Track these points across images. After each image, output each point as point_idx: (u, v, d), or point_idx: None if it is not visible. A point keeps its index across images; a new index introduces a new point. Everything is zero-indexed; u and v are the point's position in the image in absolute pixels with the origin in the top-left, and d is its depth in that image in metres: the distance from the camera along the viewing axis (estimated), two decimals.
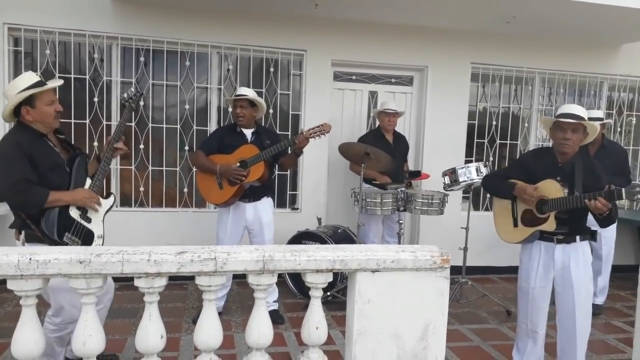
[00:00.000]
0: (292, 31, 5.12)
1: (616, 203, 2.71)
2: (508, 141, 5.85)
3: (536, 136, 5.86)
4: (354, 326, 1.81)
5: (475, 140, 5.75)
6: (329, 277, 1.80)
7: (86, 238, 2.68)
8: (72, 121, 4.81)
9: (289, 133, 5.27)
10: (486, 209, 5.67)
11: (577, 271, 2.78)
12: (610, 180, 3.01)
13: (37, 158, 2.54)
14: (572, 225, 2.76)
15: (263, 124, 5.04)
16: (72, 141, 2.94)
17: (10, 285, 1.57)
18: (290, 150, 3.90)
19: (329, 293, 4.36)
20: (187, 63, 5.04)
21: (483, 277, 5.51)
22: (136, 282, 1.68)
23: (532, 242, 2.92)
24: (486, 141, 5.78)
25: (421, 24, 5.26)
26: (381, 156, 4.22)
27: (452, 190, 4.46)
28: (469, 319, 4.32)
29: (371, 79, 5.59)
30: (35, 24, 4.65)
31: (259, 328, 1.80)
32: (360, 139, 4.88)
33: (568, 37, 5.53)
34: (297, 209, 5.39)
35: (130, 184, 5.06)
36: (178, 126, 5.10)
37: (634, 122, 6.14)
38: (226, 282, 4.04)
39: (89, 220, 2.72)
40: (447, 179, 4.42)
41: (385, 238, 5.04)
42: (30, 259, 1.55)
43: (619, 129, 6.08)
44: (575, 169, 2.77)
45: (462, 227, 4.64)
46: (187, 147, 5.08)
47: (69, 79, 4.80)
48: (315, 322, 1.83)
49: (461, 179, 4.32)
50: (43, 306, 2.31)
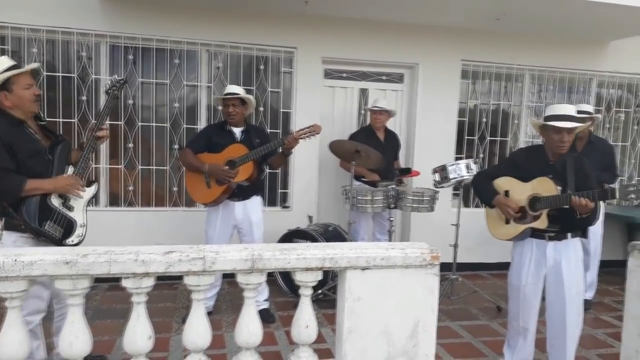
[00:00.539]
0: (282, 29, 5.10)
1: (599, 207, 2.72)
2: (498, 138, 5.87)
3: (526, 133, 5.89)
4: (344, 324, 1.80)
5: (465, 137, 5.76)
6: (319, 276, 1.79)
7: (68, 227, 2.66)
8: (60, 120, 4.75)
9: (280, 131, 5.25)
10: (477, 206, 5.69)
11: (569, 268, 2.79)
12: (598, 176, 3.03)
13: (15, 145, 2.50)
14: (564, 222, 2.77)
15: (253, 122, 5.03)
16: None
17: None
18: (279, 150, 3.89)
19: (320, 291, 4.35)
20: (177, 61, 4.99)
21: (473, 274, 5.53)
22: (124, 283, 1.66)
23: (524, 240, 2.92)
24: (476, 138, 5.80)
25: (412, 22, 5.26)
26: (371, 154, 4.22)
27: (443, 187, 4.47)
28: (460, 316, 4.33)
29: (362, 77, 5.58)
30: (21, 22, 4.58)
31: (249, 327, 1.79)
32: (351, 137, 4.88)
33: (557, 34, 5.55)
34: (288, 207, 5.38)
35: (119, 184, 5.02)
36: (167, 125, 5.06)
37: (623, 119, 6.18)
38: (216, 282, 4.02)
39: (71, 208, 2.69)
40: (438, 176, 4.43)
41: (376, 235, 5.05)
42: (15, 260, 1.52)
43: (608, 125, 6.12)
44: (567, 167, 2.78)
45: (453, 224, 4.66)
46: (177, 146, 5.04)
47: (57, 78, 4.75)
48: (305, 321, 1.82)
49: (451, 176, 4.33)
50: None
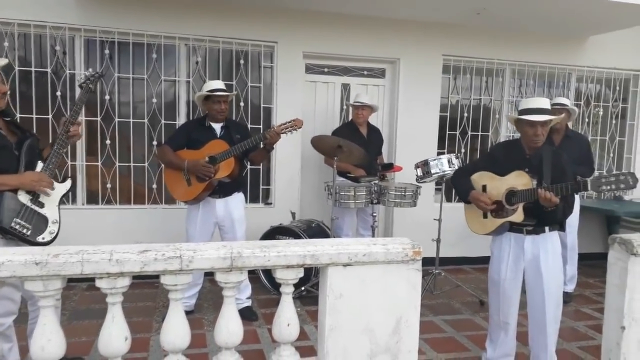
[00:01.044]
0: (263, 22, 5.03)
1: (569, 204, 2.73)
2: (479, 133, 5.89)
3: (507, 128, 5.92)
4: (326, 322, 1.77)
5: (447, 132, 5.77)
6: (300, 273, 1.76)
7: (39, 223, 2.58)
8: (34, 116, 4.63)
9: (261, 127, 5.19)
10: (459, 201, 5.69)
11: (547, 262, 2.80)
12: (574, 170, 3.05)
13: None
14: (540, 216, 2.78)
15: (234, 118, 4.96)
16: None
17: None
18: (261, 145, 3.83)
19: (303, 288, 4.32)
20: (154, 55, 4.90)
21: (456, 268, 5.56)
22: (97, 283, 1.60)
23: (502, 234, 2.93)
24: (458, 133, 5.82)
25: (393, 16, 5.23)
26: (354, 149, 4.19)
27: (425, 182, 4.46)
28: (443, 310, 4.34)
29: (343, 72, 5.55)
30: None
31: (228, 327, 1.75)
32: (334, 132, 4.85)
33: (537, 29, 5.58)
34: (271, 204, 5.33)
35: (96, 181, 4.91)
36: (146, 121, 4.96)
37: (601, 113, 6.26)
38: (197, 280, 3.96)
39: (42, 205, 2.61)
40: (420, 171, 4.42)
41: (359, 231, 5.03)
42: None
43: (587, 120, 6.19)
44: (543, 161, 2.78)
45: (435, 219, 4.66)
46: (155, 142, 4.95)
47: (30, 73, 4.62)
48: (286, 319, 1.79)
49: (433, 171, 4.33)
50: None
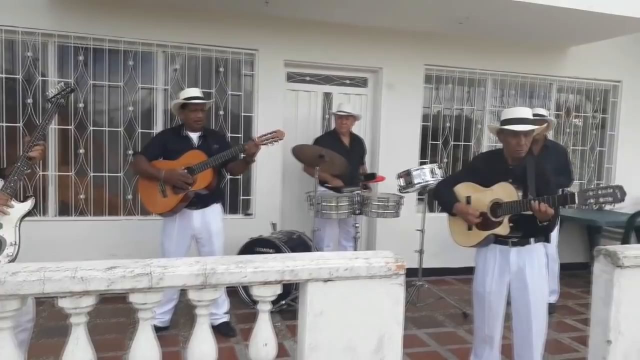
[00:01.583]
0: (243, 30, 4.94)
1: (556, 215, 2.69)
2: (462, 142, 5.87)
3: (489, 137, 5.91)
4: (305, 340, 1.69)
5: (429, 142, 5.73)
6: (278, 290, 1.67)
7: None
8: (4, 124, 4.45)
9: (241, 136, 5.08)
10: (441, 211, 5.66)
11: (532, 274, 2.75)
12: (554, 181, 3.01)
13: None
14: (525, 228, 2.73)
15: (212, 127, 4.84)
16: (4, 146, 2.66)
17: None
18: (240, 156, 3.72)
19: (284, 302, 4.20)
20: (131, 62, 4.77)
21: (439, 279, 5.49)
22: (60, 303, 1.49)
23: (487, 246, 2.87)
24: (440, 143, 5.79)
25: (375, 25, 5.19)
26: (336, 159, 4.12)
27: (407, 192, 4.40)
28: (426, 323, 4.26)
29: (325, 80, 5.48)
30: None
31: (201, 348, 1.65)
32: (315, 141, 4.77)
33: (519, 40, 5.60)
34: (251, 215, 5.21)
35: (69, 192, 4.73)
36: (121, 129, 4.81)
37: (581, 124, 6.30)
38: (173, 295, 3.81)
39: None
40: (402, 181, 4.36)
41: (341, 242, 4.93)
42: None
43: (568, 130, 6.22)
44: (527, 171, 2.74)
45: (418, 229, 4.60)
46: (131, 152, 4.80)
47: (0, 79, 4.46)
48: (263, 339, 1.70)
49: (416, 181, 4.27)
50: None
